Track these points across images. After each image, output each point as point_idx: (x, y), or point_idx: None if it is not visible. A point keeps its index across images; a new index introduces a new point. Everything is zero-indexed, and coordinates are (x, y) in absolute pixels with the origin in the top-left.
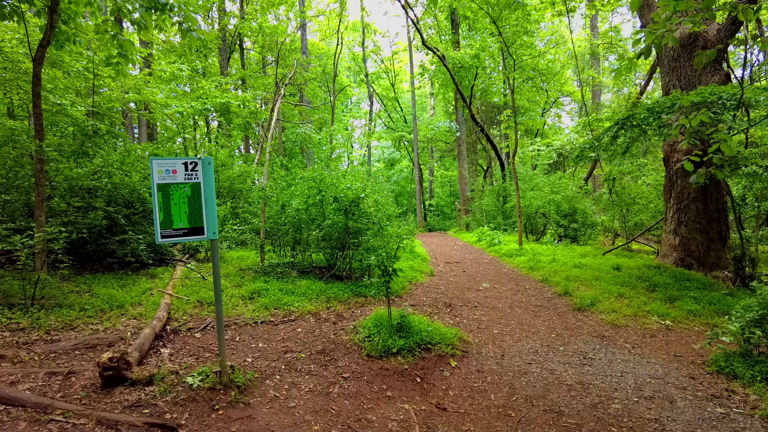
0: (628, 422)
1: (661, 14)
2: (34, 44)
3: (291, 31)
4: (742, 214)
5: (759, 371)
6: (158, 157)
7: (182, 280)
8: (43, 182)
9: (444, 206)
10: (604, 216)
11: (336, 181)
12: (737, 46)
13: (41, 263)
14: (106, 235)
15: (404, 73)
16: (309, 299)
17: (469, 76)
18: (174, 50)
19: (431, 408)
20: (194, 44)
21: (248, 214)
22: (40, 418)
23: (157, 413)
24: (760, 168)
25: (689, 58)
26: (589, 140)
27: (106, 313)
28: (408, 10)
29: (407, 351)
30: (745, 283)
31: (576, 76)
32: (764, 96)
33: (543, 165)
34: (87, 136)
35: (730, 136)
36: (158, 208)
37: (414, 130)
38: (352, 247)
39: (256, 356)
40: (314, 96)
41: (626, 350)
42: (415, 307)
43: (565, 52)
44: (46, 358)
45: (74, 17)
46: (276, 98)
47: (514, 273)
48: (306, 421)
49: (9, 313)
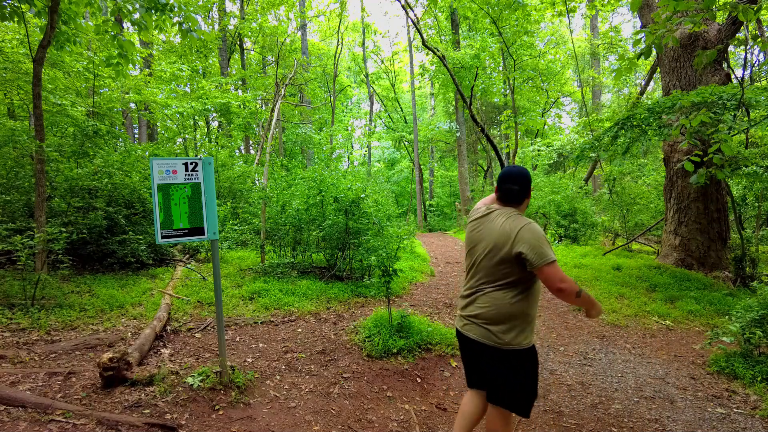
0: (628, 422)
1: (661, 14)
2: (34, 45)
3: (291, 31)
4: (742, 215)
5: (759, 371)
6: (158, 158)
7: (182, 281)
8: (43, 182)
9: (444, 206)
10: (605, 216)
11: (336, 182)
12: (737, 46)
13: (41, 263)
14: (106, 235)
15: (404, 73)
16: (309, 299)
17: (469, 76)
18: (174, 50)
19: (431, 408)
20: (194, 45)
21: (248, 215)
22: (40, 418)
23: (158, 413)
24: (760, 168)
25: (689, 58)
26: (590, 140)
27: (107, 313)
28: (408, 11)
29: (407, 351)
30: (745, 283)
31: (576, 77)
32: (764, 96)
33: (543, 165)
34: (87, 136)
35: (731, 137)
36: (158, 209)
37: (414, 130)
38: (353, 248)
39: (256, 356)
40: (314, 96)
41: (627, 350)
42: (416, 308)
43: (565, 52)
44: (46, 358)
45: (74, 18)
46: (276, 98)
47: None
48: (306, 421)
49: (9, 314)
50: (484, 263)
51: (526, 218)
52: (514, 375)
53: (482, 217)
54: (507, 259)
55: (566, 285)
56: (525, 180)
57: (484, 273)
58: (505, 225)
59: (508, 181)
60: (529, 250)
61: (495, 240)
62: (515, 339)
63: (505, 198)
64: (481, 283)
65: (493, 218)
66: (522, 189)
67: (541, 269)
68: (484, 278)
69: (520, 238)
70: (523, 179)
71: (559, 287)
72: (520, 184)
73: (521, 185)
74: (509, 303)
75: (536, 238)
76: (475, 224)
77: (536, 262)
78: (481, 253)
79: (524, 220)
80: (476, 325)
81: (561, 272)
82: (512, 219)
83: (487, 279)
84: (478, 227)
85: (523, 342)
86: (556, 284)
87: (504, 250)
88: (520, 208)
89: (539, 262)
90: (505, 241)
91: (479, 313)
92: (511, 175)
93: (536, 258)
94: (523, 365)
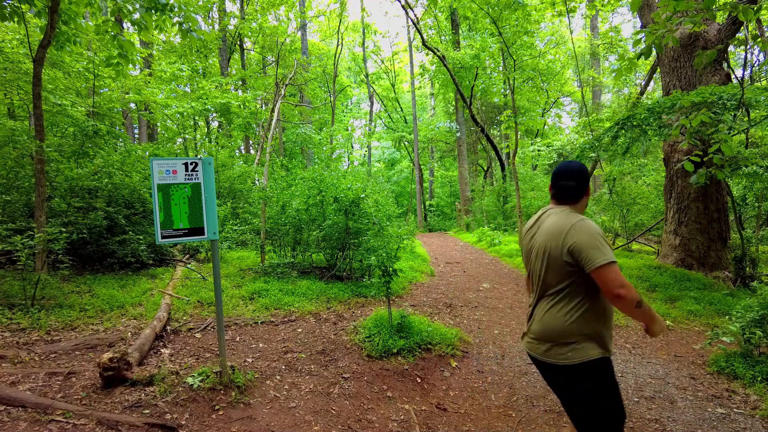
0: (628, 422)
1: (661, 14)
2: (34, 45)
3: (291, 31)
4: (742, 215)
5: (759, 371)
6: (158, 158)
7: (182, 281)
8: (43, 182)
9: (444, 206)
10: (605, 216)
11: (336, 182)
12: (737, 46)
13: (41, 263)
14: (106, 235)
15: (404, 73)
16: (309, 299)
17: (469, 76)
18: (174, 51)
19: (431, 408)
20: (194, 45)
21: (248, 215)
22: (40, 418)
23: (158, 413)
24: (760, 168)
25: (689, 58)
26: (590, 140)
27: (107, 313)
28: (408, 11)
29: (407, 351)
30: (745, 283)
31: (576, 77)
32: (764, 96)
33: (543, 165)
34: (87, 136)
35: (731, 137)
36: (158, 209)
37: (414, 130)
38: (353, 248)
39: (256, 356)
40: (314, 96)
41: (627, 350)
42: (416, 308)
43: (565, 52)
44: (46, 358)
45: (75, 18)
46: (276, 98)
47: (515, 273)
48: (306, 421)
49: (9, 314)
50: (540, 271)
51: (579, 215)
52: (587, 394)
53: (535, 223)
54: (561, 261)
55: (626, 291)
56: (582, 175)
57: (542, 282)
58: (556, 223)
59: (562, 177)
60: (583, 249)
61: (546, 241)
62: (580, 353)
63: (560, 196)
64: (541, 294)
65: (544, 219)
66: (579, 185)
67: (597, 271)
68: (543, 288)
69: (573, 236)
70: (580, 174)
71: (618, 293)
72: (576, 180)
73: (578, 181)
74: (571, 313)
75: (591, 234)
76: (529, 233)
77: (591, 262)
78: (534, 260)
79: (577, 216)
80: (539, 341)
81: (621, 276)
82: (564, 216)
83: (546, 288)
84: (532, 234)
85: (591, 353)
86: (614, 289)
87: (556, 251)
88: (577, 207)
89: (595, 263)
90: (556, 241)
91: (540, 328)
92: (566, 170)
93: (591, 257)
94: (595, 380)
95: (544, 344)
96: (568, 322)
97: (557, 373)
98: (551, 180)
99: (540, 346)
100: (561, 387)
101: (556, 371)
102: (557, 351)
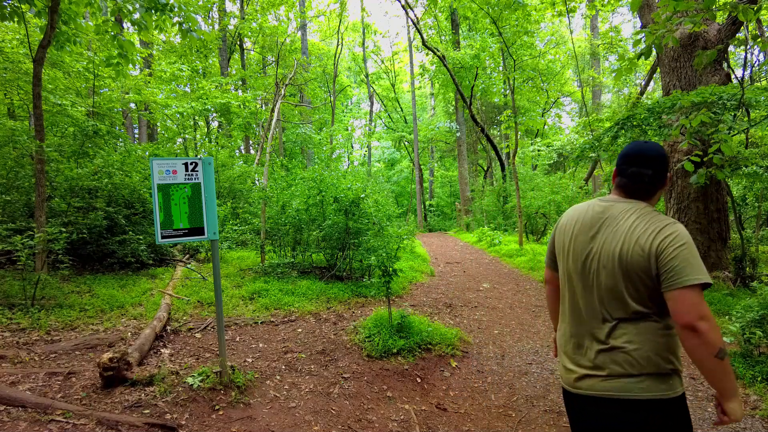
0: None
1: (661, 14)
2: (34, 45)
3: (291, 31)
4: (742, 215)
5: (759, 372)
6: (158, 158)
7: (182, 281)
8: (43, 182)
9: (444, 206)
10: None
11: (336, 182)
12: (737, 46)
13: (41, 263)
14: (106, 235)
15: (404, 73)
16: (309, 299)
17: (469, 76)
18: (174, 51)
19: (431, 408)
20: (194, 45)
21: (248, 215)
22: (40, 418)
23: (158, 413)
24: (760, 168)
25: (689, 58)
26: (590, 140)
27: (107, 313)
28: (408, 11)
29: (407, 351)
30: (745, 283)
31: (576, 77)
32: (765, 96)
33: (543, 165)
34: (87, 136)
35: (731, 137)
36: (158, 209)
37: (414, 130)
38: (353, 248)
39: (256, 356)
40: (314, 96)
41: None
42: (416, 308)
43: (565, 52)
44: (46, 358)
45: (75, 18)
46: (276, 98)
47: (515, 273)
48: (306, 421)
49: (9, 314)
50: (614, 285)
51: (669, 217)
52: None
53: (593, 220)
54: (651, 274)
55: (708, 327)
56: (662, 162)
57: (608, 299)
58: (640, 225)
59: (636, 162)
60: (678, 261)
61: (626, 247)
62: (675, 386)
63: (631, 186)
64: (607, 314)
65: (615, 216)
66: (657, 175)
67: (682, 290)
68: (609, 308)
69: (670, 244)
70: (659, 160)
71: (696, 325)
72: (654, 167)
73: (657, 169)
74: (666, 338)
75: (692, 247)
76: (583, 231)
77: (678, 277)
78: (598, 269)
79: (669, 219)
80: (619, 377)
81: (707, 307)
82: (651, 216)
83: (614, 307)
84: (592, 234)
85: (679, 388)
86: (691, 318)
87: (641, 260)
88: (651, 203)
89: (683, 279)
90: (641, 249)
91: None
92: (641, 152)
93: (681, 272)
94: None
95: (627, 379)
96: (664, 349)
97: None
98: (617, 164)
99: (614, 381)
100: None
101: (638, 409)
102: (650, 384)
